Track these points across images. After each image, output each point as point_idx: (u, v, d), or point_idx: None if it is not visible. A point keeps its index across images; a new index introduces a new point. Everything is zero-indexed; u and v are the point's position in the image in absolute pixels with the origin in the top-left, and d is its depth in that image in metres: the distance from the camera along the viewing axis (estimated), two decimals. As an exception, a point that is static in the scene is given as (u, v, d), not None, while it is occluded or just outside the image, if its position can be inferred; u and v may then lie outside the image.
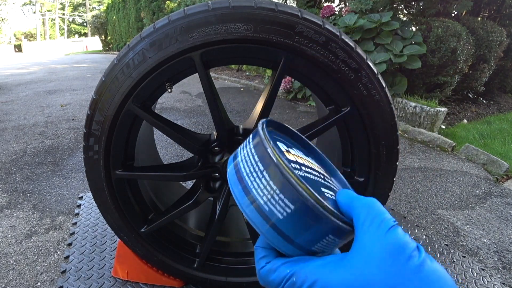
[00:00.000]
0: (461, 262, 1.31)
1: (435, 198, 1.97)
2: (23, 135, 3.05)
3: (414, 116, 3.23)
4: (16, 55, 23.61)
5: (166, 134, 0.87)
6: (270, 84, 0.83)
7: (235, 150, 0.39)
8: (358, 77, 0.78)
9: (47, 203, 1.83)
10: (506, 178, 2.27)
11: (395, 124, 0.85)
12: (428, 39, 3.41)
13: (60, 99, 4.70)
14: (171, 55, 0.76)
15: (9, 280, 1.27)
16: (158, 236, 1.02)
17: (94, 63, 11.22)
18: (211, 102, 0.83)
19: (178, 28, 0.74)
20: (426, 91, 3.70)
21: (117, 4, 14.63)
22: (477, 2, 4.00)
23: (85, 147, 0.85)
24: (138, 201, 0.98)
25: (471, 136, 3.05)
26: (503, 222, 1.73)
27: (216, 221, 0.96)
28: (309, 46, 0.75)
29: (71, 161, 2.42)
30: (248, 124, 0.90)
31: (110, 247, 1.32)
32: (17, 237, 1.54)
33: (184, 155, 2.53)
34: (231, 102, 4.42)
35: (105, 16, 18.00)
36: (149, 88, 0.81)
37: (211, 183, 0.98)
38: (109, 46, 18.56)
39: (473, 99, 4.44)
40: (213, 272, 1.03)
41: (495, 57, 3.98)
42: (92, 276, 1.17)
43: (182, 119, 3.59)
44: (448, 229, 1.66)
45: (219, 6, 0.73)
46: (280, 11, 0.74)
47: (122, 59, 0.78)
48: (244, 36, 0.74)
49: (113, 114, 0.81)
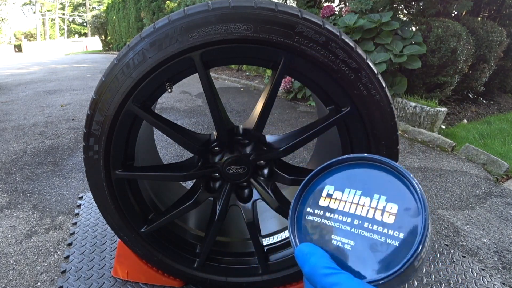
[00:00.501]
0: (461, 262, 1.31)
1: (435, 198, 1.97)
2: (23, 135, 3.05)
3: (414, 116, 3.23)
4: (16, 55, 23.61)
5: (166, 134, 0.87)
6: (270, 84, 0.83)
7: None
8: (358, 77, 0.78)
9: (47, 203, 1.83)
10: (506, 178, 2.27)
11: (395, 124, 0.85)
12: (428, 39, 3.41)
13: (60, 99, 4.70)
14: (171, 55, 0.76)
15: (9, 280, 1.27)
16: (158, 236, 1.02)
17: (94, 63, 11.22)
18: (211, 102, 0.83)
19: (178, 28, 0.74)
20: (426, 91, 3.70)
21: (117, 4, 14.63)
22: (477, 2, 4.01)
23: (85, 147, 0.85)
24: (138, 201, 0.98)
25: (471, 136, 3.05)
26: (503, 222, 1.73)
27: (216, 221, 0.96)
28: (309, 46, 0.75)
29: (71, 161, 2.42)
30: (248, 124, 0.90)
31: (110, 247, 1.32)
32: (17, 237, 1.54)
33: (184, 155, 2.53)
34: (231, 102, 4.42)
35: (105, 16, 18.00)
36: (149, 88, 0.81)
37: (211, 183, 0.98)
38: (109, 46, 18.56)
39: (473, 99, 4.44)
40: (213, 272, 1.03)
41: (495, 57, 3.98)
42: (92, 276, 1.17)
43: (182, 119, 3.59)
44: (448, 229, 1.66)
45: (219, 6, 0.73)
46: (280, 11, 0.74)
47: (122, 59, 0.78)
48: (244, 36, 0.74)
49: (113, 114, 0.81)
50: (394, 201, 0.35)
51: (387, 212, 0.35)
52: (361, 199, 0.37)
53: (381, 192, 0.36)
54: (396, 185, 0.36)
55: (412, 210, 0.34)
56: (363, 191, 0.37)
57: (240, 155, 0.91)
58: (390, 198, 0.35)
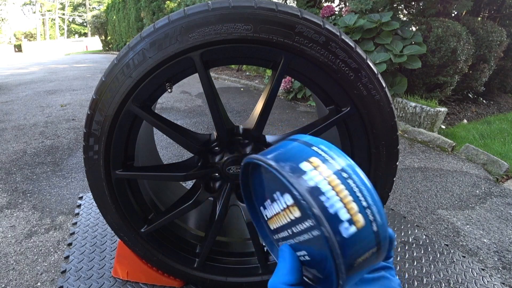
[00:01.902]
0: (461, 262, 1.31)
1: (435, 198, 1.97)
2: (23, 135, 3.05)
3: (414, 116, 3.23)
4: (16, 55, 23.61)
5: (166, 134, 0.87)
6: (270, 84, 0.83)
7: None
8: (358, 77, 0.78)
9: (47, 203, 1.83)
10: (506, 178, 2.27)
11: (395, 124, 0.85)
12: (428, 39, 3.41)
13: (60, 99, 4.70)
14: (171, 55, 0.76)
15: (9, 280, 1.27)
16: (158, 236, 1.02)
17: (94, 63, 11.22)
18: (211, 102, 0.83)
19: (178, 28, 0.74)
20: (426, 91, 3.70)
21: (117, 4, 14.63)
22: (477, 2, 4.00)
23: (85, 147, 0.85)
24: (138, 201, 0.98)
25: (471, 136, 3.05)
26: (503, 222, 1.73)
27: (216, 221, 0.96)
28: (309, 46, 0.75)
29: (71, 161, 2.42)
30: (248, 124, 0.90)
31: (110, 247, 1.32)
32: (17, 237, 1.54)
33: (184, 155, 2.53)
34: (231, 102, 4.41)
35: (105, 16, 17.99)
36: (149, 88, 0.81)
37: (211, 183, 0.98)
38: (109, 46, 18.55)
39: (473, 99, 4.44)
40: (213, 272, 1.03)
41: (495, 57, 3.98)
42: (92, 276, 1.17)
43: (182, 119, 3.59)
44: (448, 229, 1.66)
45: (219, 6, 0.73)
46: (280, 11, 0.74)
47: (122, 59, 0.78)
48: (244, 36, 0.74)
49: (113, 114, 0.81)
50: (283, 191, 0.30)
51: (290, 207, 0.30)
52: (275, 207, 0.33)
53: (277, 189, 0.32)
54: (271, 176, 0.30)
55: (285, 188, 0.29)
56: (269, 198, 0.33)
57: (240, 155, 0.91)
58: (282, 191, 0.31)
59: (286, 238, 0.34)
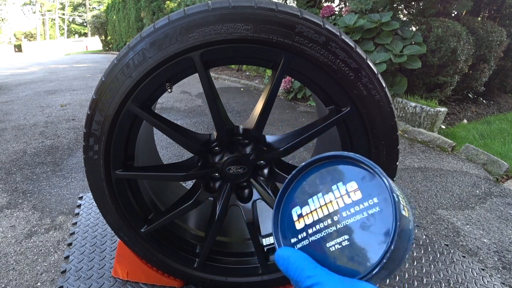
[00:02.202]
0: (461, 262, 1.31)
1: (435, 198, 1.97)
2: (23, 135, 3.05)
3: (414, 116, 3.23)
4: (16, 55, 23.61)
5: (166, 134, 0.87)
6: (270, 84, 0.83)
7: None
8: (358, 77, 0.78)
9: (47, 203, 1.83)
10: (506, 178, 2.27)
11: (395, 124, 0.85)
12: (428, 39, 3.41)
13: (60, 99, 4.70)
14: (171, 55, 0.76)
15: (9, 280, 1.27)
16: (158, 236, 1.02)
17: (94, 63, 11.22)
18: (211, 102, 0.83)
19: (178, 28, 0.74)
20: (426, 91, 3.70)
21: (117, 4, 14.63)
22: (477, 2, 4.01)
23: (85, 147, 0.85)
24: (138, 201, 0.98)
25: (471, 136, 3.05)
26: (503, 222, 1.73)
27: (216, 221, 0.96)
28: (309, 46, 0.75)
29: (71, 161, 2.43)
30: (248, 124, 0.90)
31: (110, 247, 1.32)
32: (17, 237, 1.54)
33: (184, 155, 2.53)
34: (231, 102, 4.42)
35: (105, 16, 18.00)
36: (149, 88, 0.81)
37: (211, 183, 0.98)
38: (109, 46, 18.56)
39: (473, 99, 4.44)
40: (213, 272, 1.03)
41: (495, 57, 3.98)
42: (92, 276, 1.17)
43: (182, 119, 3.59)
44: (448, 229, 1.66)
45: (219, 6, 0.73)
46: (280, 11, 0.74)
47: (122, 59, 0.78)
48: (244, 36, 0.74)
49: (113, 114, 0.81)
50: (349, 180, 0.37)
51: (352, 191, 0.36)
52: (325, 198, 0.38)
53: (335, 181, 0.38)
54: (340, 169, 0.38)
55: (366, 176, 0.36)
56: (322, 191, 0.39)
57: (240, 155, 0.91)
58: (345, 181, 0.37)
59: (315, 233, 0.37)
